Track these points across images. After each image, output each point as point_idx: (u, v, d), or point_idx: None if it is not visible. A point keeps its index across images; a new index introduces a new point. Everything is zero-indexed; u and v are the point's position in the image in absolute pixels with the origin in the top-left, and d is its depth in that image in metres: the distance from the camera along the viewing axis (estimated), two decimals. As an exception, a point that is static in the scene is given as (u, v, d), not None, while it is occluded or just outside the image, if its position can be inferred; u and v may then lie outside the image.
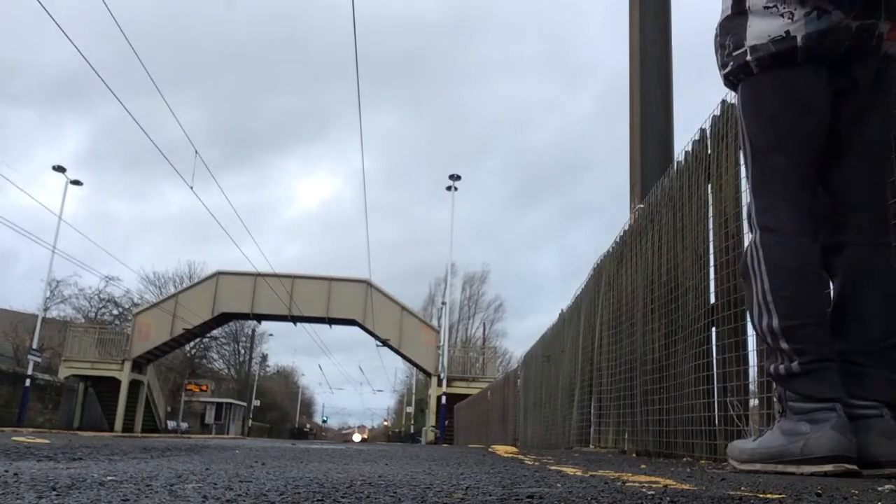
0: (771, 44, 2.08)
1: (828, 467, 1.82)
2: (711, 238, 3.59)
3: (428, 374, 29.00)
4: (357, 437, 58.86)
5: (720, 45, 2.27)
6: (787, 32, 2.06)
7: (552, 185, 72.40)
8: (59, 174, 25.94)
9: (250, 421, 49.44)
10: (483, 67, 73.16)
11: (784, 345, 1.99)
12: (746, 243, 2.22)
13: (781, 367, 2.00)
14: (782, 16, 2.07)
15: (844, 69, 2.07)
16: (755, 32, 2.12)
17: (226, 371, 53.98)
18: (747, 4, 2.16)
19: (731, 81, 2.26)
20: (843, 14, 2.01)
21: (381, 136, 74.64)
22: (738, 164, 3.21)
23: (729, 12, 2.22)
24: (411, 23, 71.84)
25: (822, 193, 2.14)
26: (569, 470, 2.03)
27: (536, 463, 2.63)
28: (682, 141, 4.30)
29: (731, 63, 2.20)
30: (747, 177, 2.23)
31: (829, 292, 2.16)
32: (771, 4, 2.09)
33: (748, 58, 2.13)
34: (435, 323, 33.52)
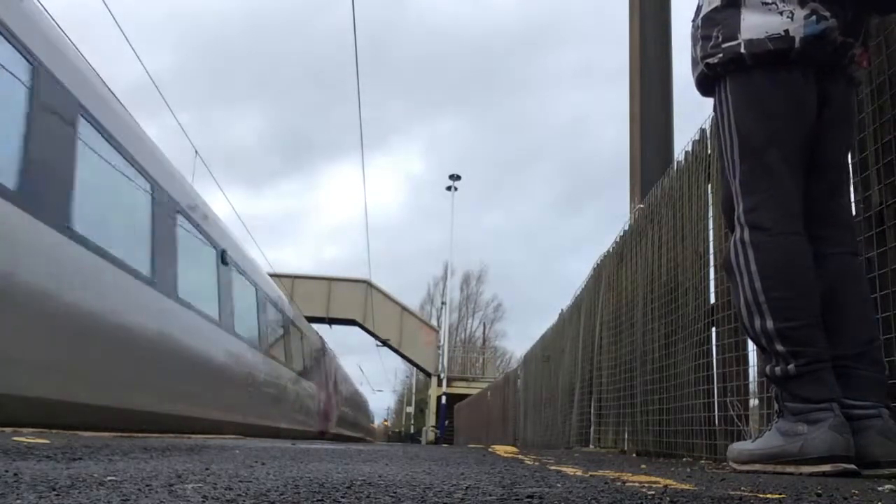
0: (768, 41, 2.05)
1: (826, 467, 1.82)
2: (711, 238, 3.59)
3: (428, 374, 29.01)
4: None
5: (703, 37, 2.19)
6: (787, 31, 2.04)
7: (600, 191, 72.88)
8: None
9: (250, 421, 49.40)
10: (550, 77, 73.89)
11: (779, 347, 1.96)
12: (731, 240, 2.17)
13: (777, 369, 1.98)
14: (781, 14, 2.05)
15: (821, 80, 2.09)
16: (751, 26, 2.08)
17: (226, 371, 53.89)
18: None
19: (715, 72, 2.17)
20: (835, 24, 2.03)
21: (444, 143, 75.47)
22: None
23: (717, 4, 2.16)
24: (482, 34, 72.38)
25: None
26: (569, 470, 2.03)
27: (536, 463, 2.62)
28: (682, 141, 4.30)
29: (720, 54, 2.13)
30: (733, 173, 2.16)
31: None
32: (770, 1, 2.07)
33: (742, 51, 2.09)
34: (434, 322, 33.54)
